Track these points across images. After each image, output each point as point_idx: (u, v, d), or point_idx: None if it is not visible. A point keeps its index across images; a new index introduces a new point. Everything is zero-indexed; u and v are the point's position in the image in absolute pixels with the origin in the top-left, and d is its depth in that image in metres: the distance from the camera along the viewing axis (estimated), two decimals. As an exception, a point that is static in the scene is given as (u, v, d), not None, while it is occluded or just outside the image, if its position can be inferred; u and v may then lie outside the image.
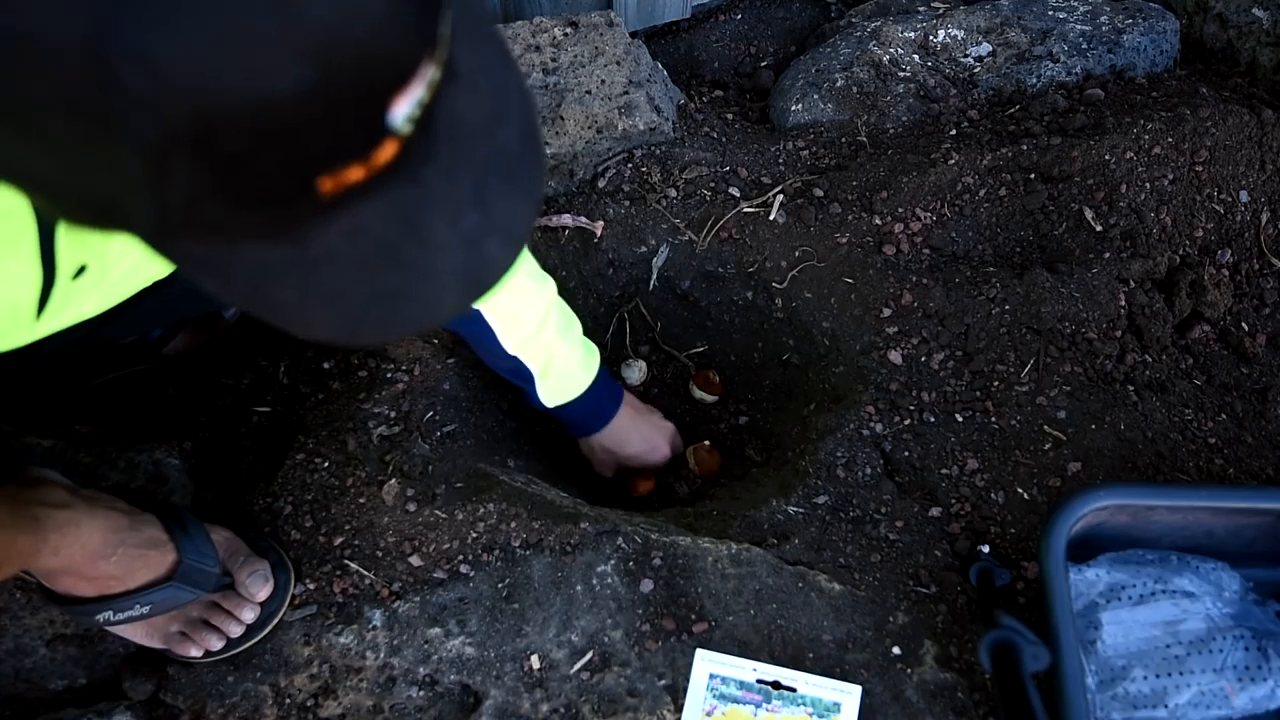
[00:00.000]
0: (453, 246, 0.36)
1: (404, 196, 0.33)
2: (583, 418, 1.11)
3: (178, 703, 0.88)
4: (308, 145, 0.28)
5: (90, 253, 0.57)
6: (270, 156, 0.28)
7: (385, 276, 0.35)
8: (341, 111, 0.28)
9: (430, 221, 0.34)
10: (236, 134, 0.27)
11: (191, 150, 0.27)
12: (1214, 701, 0.86)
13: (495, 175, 0.37)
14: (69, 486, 0.82)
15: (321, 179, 0.30)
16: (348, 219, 0.32)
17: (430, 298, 0.38)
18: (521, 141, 0.38)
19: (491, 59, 0.36)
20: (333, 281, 0.35)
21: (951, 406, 1.08)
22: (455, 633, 0.91)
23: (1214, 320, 1.15)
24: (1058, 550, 0.86)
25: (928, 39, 1.41)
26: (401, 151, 0.31)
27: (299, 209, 0.30)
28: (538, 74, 1.30)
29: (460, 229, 0.36)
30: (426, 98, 0.31)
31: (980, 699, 0.88)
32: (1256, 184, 1.21)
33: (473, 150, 0.35)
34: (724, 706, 0.88)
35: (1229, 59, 1.42)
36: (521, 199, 0.39)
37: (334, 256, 0.33)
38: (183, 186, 0.28)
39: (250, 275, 0.34)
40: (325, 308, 0.36)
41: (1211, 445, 1.05)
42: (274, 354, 1.15)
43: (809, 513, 1.01)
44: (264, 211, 0.30)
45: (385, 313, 0.37)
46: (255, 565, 0.90)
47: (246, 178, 0.28)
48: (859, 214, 1.22)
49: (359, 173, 0.30)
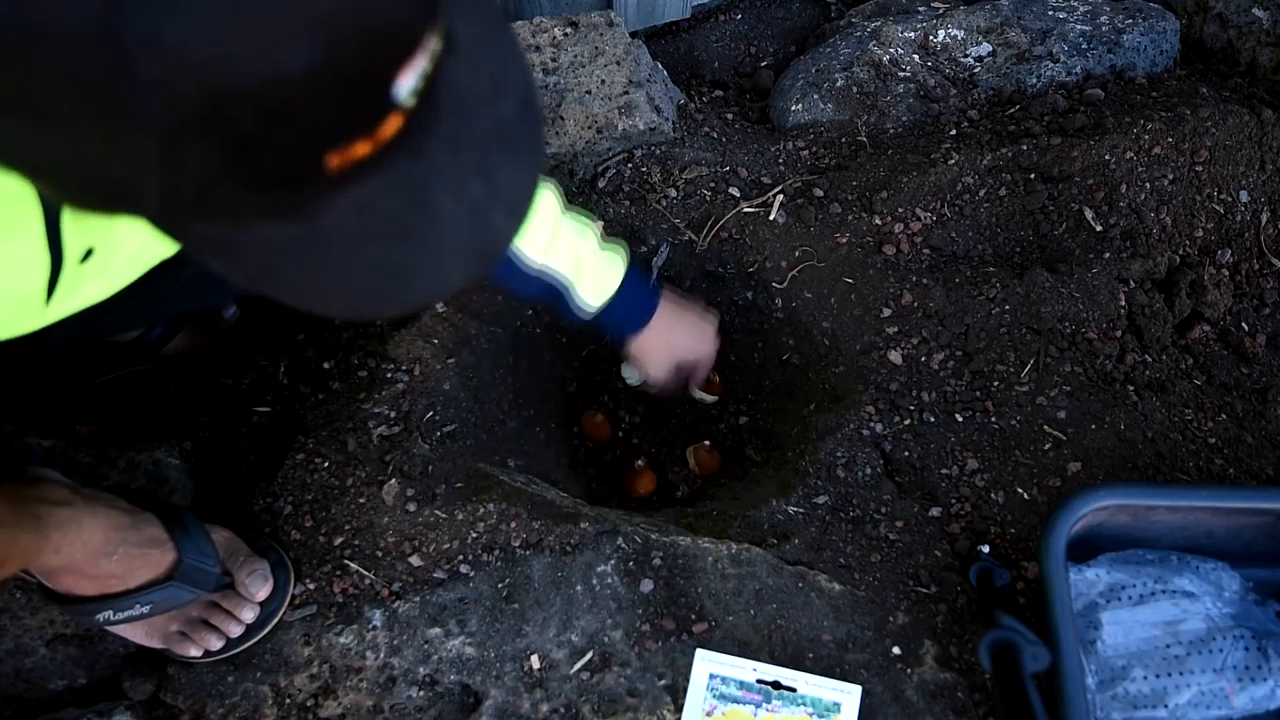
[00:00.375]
0: (459, 218, 0.36)
1: (409, 170, 0.33)
2: (631, 311, 1.02)
3: (178, 703, 0.88)
4: (316, 122, 0.28)
5: (96, 236, 0.57)
6: (280, 135, 0.28)
7: (393, 251, 0.35)
8: (349, 86, 0.28)
9: (436, 194, 0.34)
10: (247, 114, 0.27)
11: (203, 132, 0.27)
12: (1214, 701, 0.86)
13: (498, 145, 0.37)
14: (70, 485, 0.82)
15: (329, 155, 0.30)
16: (355, 195, 0.32)
17: (439, 270, 0.38)
18: (521, 110, 0.38)
19: (488, 28, 0.36)
20: (342, 258, 0.35)
21: (951, 406, 1.08)
22: (455, 633, 0.91)
23: (1214, 320, 1.15)
24: (1058, 550, 0.85)
25: (928, 39, 1.41)
26: (406, 125, 0.31)
27: (307, 187, 0.30)
28: (538, 74, 1.30)
29: (466, 200, 0.36)
30: (429, 69, 0.31)
31: (980, 699, 0.88)
32: (1256, 184, 1.21)
33: (475, 122, 0.35)
34: (724, 706, 0.88)
35: (1229, 59, 1.42)
36: (524, 168, 0.39)
37: (342, 233, 0.33)
38: (194, 169, 0.28)
39: (259, 254, 0.34)
40: (335, 285, 0.36)
41: (1211, 445, 1.05)
42: (274, 354, 1.15)
43: (809, 513, 1.01)
44: (273, 191, 0.30)
45: (395, 287, 0.37)
46: (255, 565, 0.90)
47: (257, 158, 0.28)
48: (859, 214, 1.22)
49: (365, 148, 0.30)
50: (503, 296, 1.20)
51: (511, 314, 1.22)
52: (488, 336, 1.18)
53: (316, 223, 0.32)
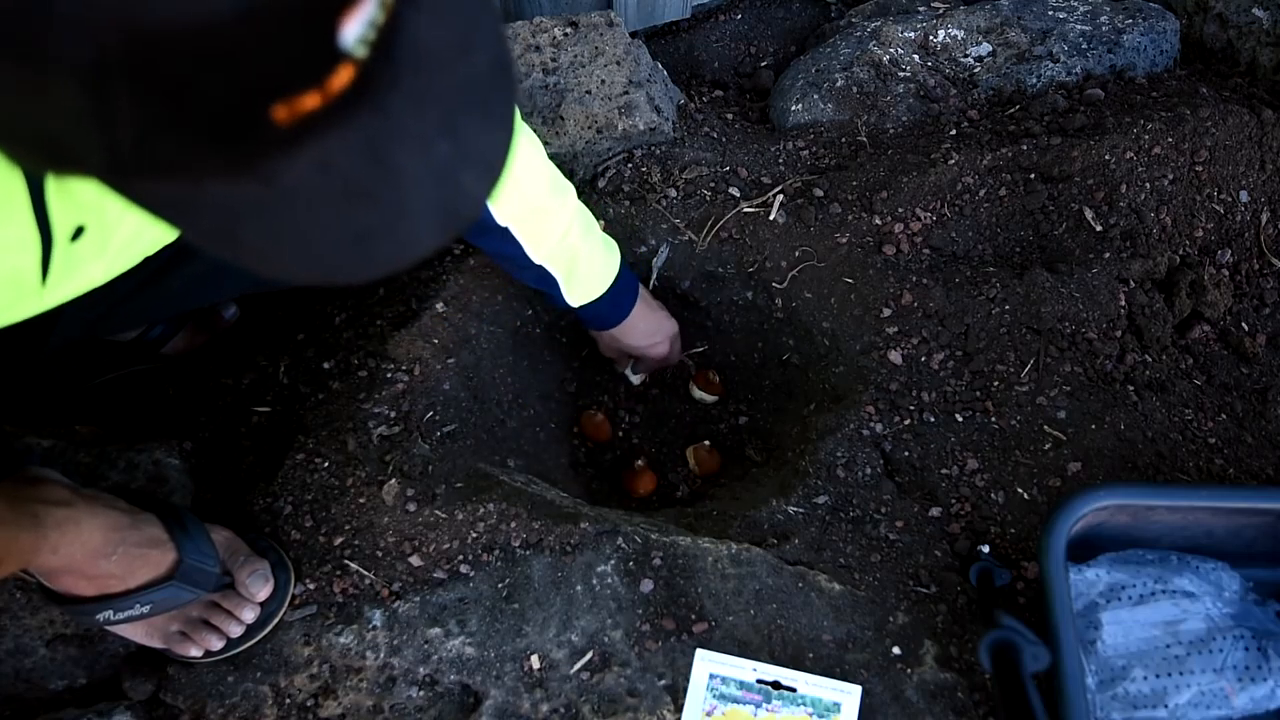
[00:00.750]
0: (425, 179, 0.35)
1: (369, 126, 0.32)
2: (603, 313, 1.13)
3: (178, 703, 0.88)
4: (254, 69, 0.27)
5: (86, 213, 0.57)
6: (215, 81, 0.27)
7: (357, 212, 0.34)
8: (285, 31, 0.27)
9: (399, 153, 0.33)
10: (175, 58, 0.26)
11: (130, 75, 0.26)
12: (1214, 701, 0.86)
13: (466, 103, 0.36)
14: (69, 485, 0.82)
15: (275, 107, 0.29)
16: (313, 152, 0.31)
17: (405, 234, 0.37)
18: (492, 69, 0.37)
19: None
20: (303, 220, 0.34)
21: (951, 406, 1.08)
22: (455, 633, 0.91)
23: (1214, 320, 1.15)
24: (1058, 550, 0.86)
25: (928, 39, 1.41)
26: (360, 78, 0.30)
27: (256, 141, 0.29)
28: (538, 74, 1.30)
29: (431, 160, 0.35)
30: (380, 18, 0.30)
31: (980, 699, 0.88)
32: (1256, 184, 1.21)
33: (440, 78, 0.34)
34: (724, 706, 0.88)
35: (1229, 59, 1.42)
36: (495, 128, 0.38)
37: (301, 193, 0.32)
38: (128, 118, 0.27)
39: (218, 216, 0.33)
40: (298, 248, 0.35)
41: (1211, 445, 1.05)
42: (274, 354, 1.15)
43: (809, 513, 1.01)
44: (220, 145, 0.29)
45: (360, 251, 0.36)
46: (255, 565, 0.90)
47: (193, 106, 0.27)
48: (859, 214, 1.22)
49: (315, 99, 0.29)
50: (503, 296, 1.20)
51: (511, 314, 1.22)
52: (488, 336, 1.18)
53: (275, 183, 0.32)
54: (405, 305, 1.16)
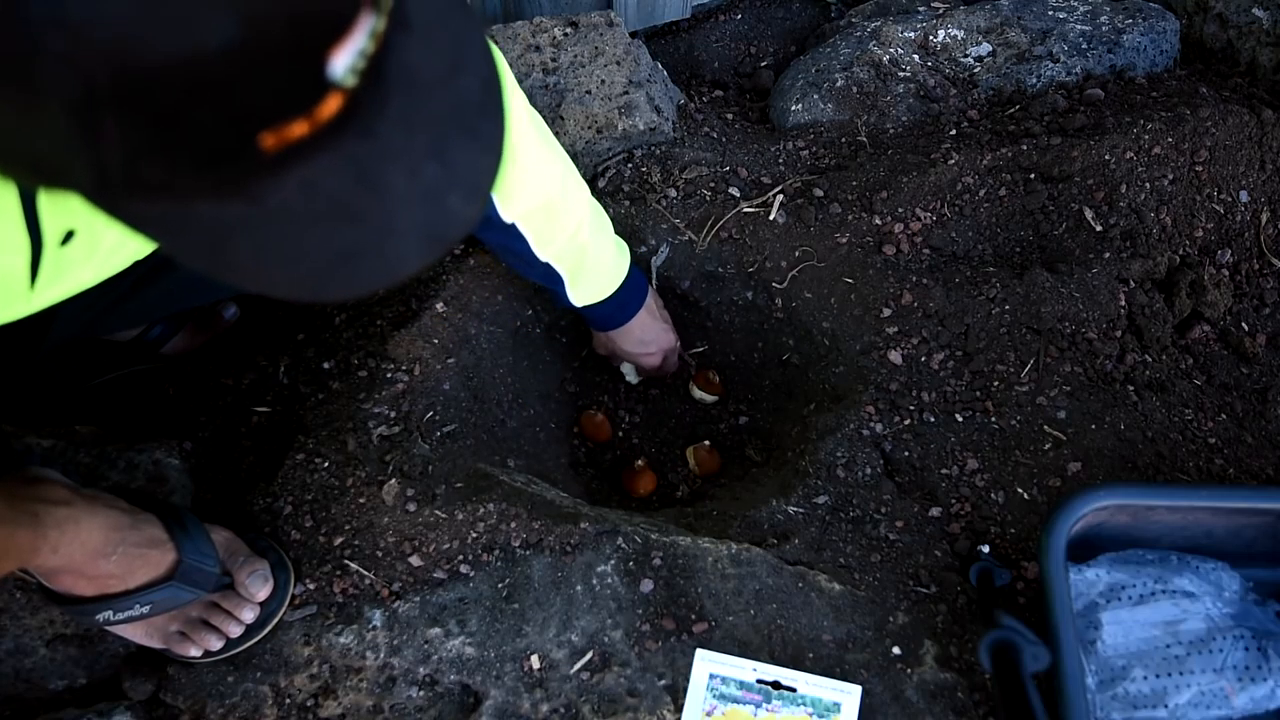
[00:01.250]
0: (412, 200, 0.35)
1: (356, 150, 0.32)
2: (607, 314, 1.12)
3: (178, 703, 0.88)
4: (242, 101, 0.28)
5: (76, 219, 0.57)
6: (204, 113, 0.27)
7: (343, 232, 0.35)
8: (274, 65, 0.27)
9: (386, 174, 0.34)
10: (163, 90, 0.26)
11: (118, 107, 0.26)
12: (1214, 701, 0.86)
13: (455, 127, 0.36)
14: (69, 485, 0.82)
15: (262, 135, 0.29)
16: (300, 174, 0.31)
17: (392, 254, 0.37)
18: (483, 92, 0.37)
19: (445, 7, 0.35)
20: (290, 239, 0.34)
21: (951, 406, 1.08)
22: (455, 633, 0.91)
23: (1214, 320, 1.15)
24: (1058, 550, 0.86)
25: (928, 39, 1.41)
26: (349, 104, 0.31)
27: (243, 166, 0.30)
28: (538, 74, 1.30)
29: (419, 182, 0.35)
30: (370, 48, 0.30)
31: (980, 699, 0.88)
32: (1256, 184, 1.21)
33: (430, 101, 0.34)
34: (724, 706, 0.88)
35: (1229, 59, 1.42)
36: (484, 151, 0.38)
37: (288, 213, 0.33)
38: (116, 144, 0.27)
39: (206, 235, 0.33)
40: (285, 267, 0.35)
41: (1211, 445, 1.05)
42: (274, 354, 1.15)
43: (809, 513, 1.01)
44: (207, 169, 0.29)
45: (347, 270, 0.37)
46: (255, 565, 0.90)
47: (182, 135, 0.28)
48: (859, 214, 1.22)
49: (303, 128, 0.30)
50: (503, 296, 1.20)
51: (511, 314, 1.22)
52: (488, 336, 1.18)
53: (262, 203, 0.32)
54: (405, 305, 1.16)
